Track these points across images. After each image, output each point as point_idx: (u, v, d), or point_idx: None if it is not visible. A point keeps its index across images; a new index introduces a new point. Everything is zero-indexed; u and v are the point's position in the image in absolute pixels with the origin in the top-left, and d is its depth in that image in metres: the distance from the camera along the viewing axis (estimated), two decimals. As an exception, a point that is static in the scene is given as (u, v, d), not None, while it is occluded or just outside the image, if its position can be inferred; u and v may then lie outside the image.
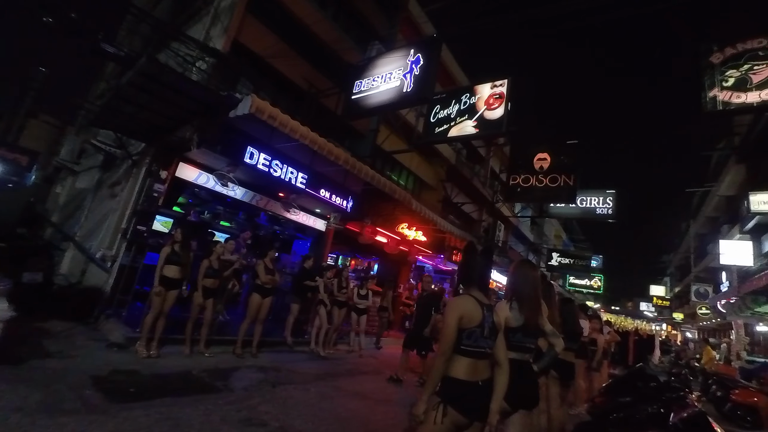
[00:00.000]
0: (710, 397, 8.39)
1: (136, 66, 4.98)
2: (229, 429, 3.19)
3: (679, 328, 30.36)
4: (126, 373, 4.06)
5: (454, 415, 1.91)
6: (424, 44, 7.42)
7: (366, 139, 10.94)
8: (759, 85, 6.06)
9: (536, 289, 2.57)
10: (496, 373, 2.07)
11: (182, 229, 5.23)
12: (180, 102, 5.63)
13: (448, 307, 2.07)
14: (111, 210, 7.43)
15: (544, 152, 11.62)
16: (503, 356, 2.11)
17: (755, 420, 6.96)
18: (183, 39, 6.89)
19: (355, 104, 8.08)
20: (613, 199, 16.01)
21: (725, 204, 18.18)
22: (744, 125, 14.82)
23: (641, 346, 12.79)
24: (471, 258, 2.25)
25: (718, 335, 22.12)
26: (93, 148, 9.11)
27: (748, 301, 11.81)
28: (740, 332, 17.19)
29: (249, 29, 7.92)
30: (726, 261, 14.00)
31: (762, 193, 10.23)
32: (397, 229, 11.30)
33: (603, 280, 28.03)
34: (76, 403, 3.19)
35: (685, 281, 27.20)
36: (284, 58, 8.55)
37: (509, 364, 2.34)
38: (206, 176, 6.98)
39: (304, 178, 7.46)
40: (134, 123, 6.48)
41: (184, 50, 6.79)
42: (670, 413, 2.88)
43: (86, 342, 4.94)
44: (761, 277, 9.99)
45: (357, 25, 11.01)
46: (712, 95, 6.40)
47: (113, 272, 6.23)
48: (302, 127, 6.03)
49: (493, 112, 8.13)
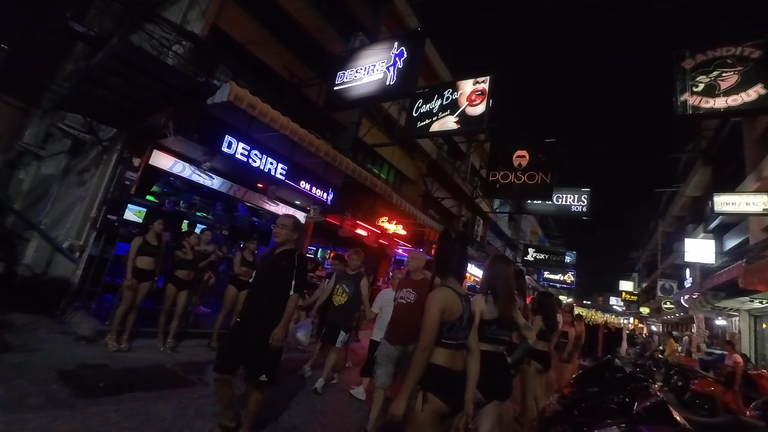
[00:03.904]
0: (672, 387, 8.86)
1: (107, 47, 4.74)
2: (204, 423, 3.14)
3: (645, 322, 31.76)
4: (95, 367, 3.93)
5: (436, 402, 1.90)
6: (409, 37, 7.38)
7: (348, 132, 10.85)
8: (726, 91, 6.32)
9: (510, 283, 2.64)
10: (468, 361, 2.10)
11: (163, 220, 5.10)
12: (154, 87, 5.41)
13: (430, 301, 2.03)
14: (79, 198, 7.11)
15: (523, 150, 11.83)
16: (475, 345, 2.15)
17: (711, 408, 7.40)
18: (158, 21, 6.61)
19: (338, 96, 7.98)
20: (588, 197, 16.49)
21: (691, 204, 19.06)
22: (711, 129, 15.52)
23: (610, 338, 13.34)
24: (447, 246, 2.21)
25: (681, 329, 23.29)
26: (60, 133, 8.66)
27: (709, 296, 12.45)
28: (701, 326, 18.16)
29: (229, 14, 7.68)
30: (690, 258, 14.68)
31: (725, 195, 10.73)
32: (377, 223, 11.32)
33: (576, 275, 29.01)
34: (41, 398, 3.07)
35: (652, 277, 28.44)
36: (265, 46, 8.34)
37: (484, 355, 2.40)
38: (182, 165, 6.77)
39: (283, 169, 7.34)
40: (105, 107, 6.19)
41: (159, 33, 6.52)
42: (634, 402, 3.01)
43: (52, 335, 4.75)
44: (721, 274, 10.54)
45: (341, 15, 10.84)
46: (683, 99, 6.64)
47: (81, 263, 5.98)
48: (282, 117, 5.92)
49: (475, 108, 8.19)
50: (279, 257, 2.99)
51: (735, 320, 14.12)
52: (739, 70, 6.29)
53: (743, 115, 9.66)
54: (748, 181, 10.78)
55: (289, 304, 2.89)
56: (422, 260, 3.80)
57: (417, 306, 3.31)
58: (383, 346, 3.56)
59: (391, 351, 3.48)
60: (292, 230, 3.07)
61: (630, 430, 2.68)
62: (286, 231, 3.03)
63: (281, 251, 3.02)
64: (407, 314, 3.42)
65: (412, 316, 3.17)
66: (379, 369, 3.52)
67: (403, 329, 3.41)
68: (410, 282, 3.69)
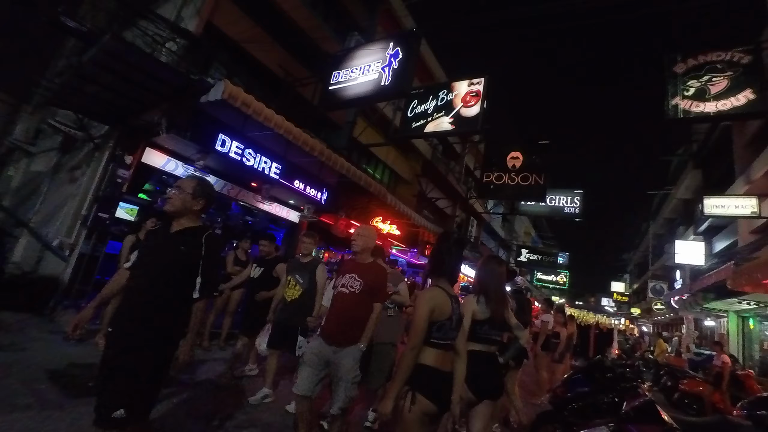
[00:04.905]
0: (661, 387, 8.96)
1: (99, 43, 4.70)
2: (195, 423, 3.13)
3: (636, 323, 32.10)
4: (85, 366, 3.89)
5: (424, 402, 1.90)
6: (404, 38, 7.39)
7: (342, 131, 10.85)
8: (716, 96, 6.43)
9: (502, 283, 2.66)
10: (455, 362, 2.10)
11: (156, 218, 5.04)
12: (147, 84, 5.36)
13: (419, 300, 2.03)
14: (70, 195, 7.03)
15: (517, 151, 11.93)
16: (462, 346, 2.16)
17: (700, 407, 7.50)
18: (152, 17, 6.55)
19: (332, 95, 7.97)
20: (580, 199, 16.64)
21: (682, 206, 19.30)
22: (702, 133, 15.73)
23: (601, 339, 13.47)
24: (444, 248, 2.22)
25: (670, 329, 23.59)
26: (51, 129, 8.55)
27: (698, 297, 12.63)
28: (690, 326, 18.41)
29: (223, 11, 7.63)
30: (680, 260, 14.88)
31: (715, 198, 10.89)
32: (371, 223, 11.31)
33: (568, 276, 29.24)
34: (29, 398, 3.03)
35: (643, 278, 28.75)
36: (260, 44, 8.30)
37: (476, 355, 2.41)
38: (175, 163, 6.72)
39: (278, 168, 7.32)
40: (97, 104, 6.13)
41: (153, 29, 6.47)
42: (623, 402, 3.05)
43: (41, 334, 4.69)
44: (710, 276, 10.69)
45: (336, 14, 10.83)
46: (674, 103, 6.74)
47: (72, 261, 5.91)
48: (277, 116, 5.90)
49: (470, 109, 8.23)
50: (176, 238, 2.00)
51: (723, 321, 14.33)
52: (729, 75, 6.40)
53: (733, 120, 9.80)
54: (737, 185, 10.94)
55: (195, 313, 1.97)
56: (372, 237, 2.97)
57: (363, 297, 2.73)
58: (315, 342, 2.80)
59: (324, 351, 2.67)
60: (193, 197, 2.06)
61: (619, 430, 2.72)
62: (182, 197, 2.03)
63: (181, 229, 2.03)
64: (350, 307, 2.71)
65: (357, 311, 2.72)
66: (303, 370, 2.68)
67: (343, 326, 2.70)
68: (356, 266, 2.87)
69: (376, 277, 2.83)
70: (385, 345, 3.59)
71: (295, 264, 3.96)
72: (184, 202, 2.03)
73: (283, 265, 4.30)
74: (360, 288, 2.72)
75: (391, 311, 3.74)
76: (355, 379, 2.66)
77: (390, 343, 3.67)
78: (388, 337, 3.64)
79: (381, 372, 3.56)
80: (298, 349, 3.63)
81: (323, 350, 2.68)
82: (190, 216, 2.08)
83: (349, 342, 2.67)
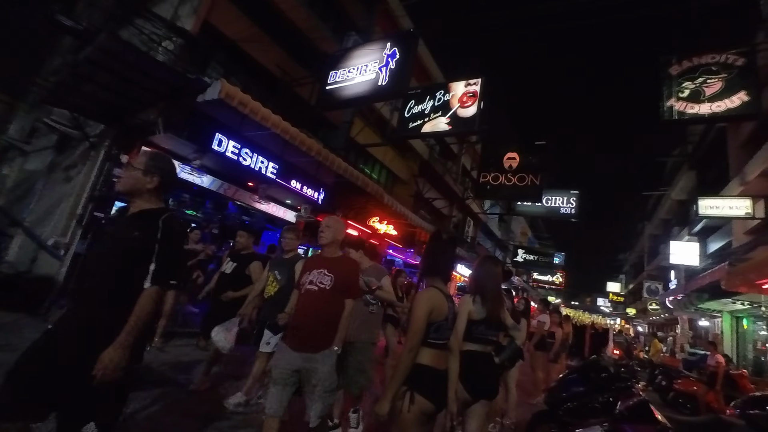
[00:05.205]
0: (656, 386, 9.03)
1: (96, 41, 4.68)
2: (192, 423, 3.12)
3: (631, 323, 32.29)
4: (79, 366, 3.87)
5: (422, 402, 1.91)
6: (401, 38, 7.40)
7: (340, 131, 10.85)
8: (711, 97, 6.48)
9: (498, 283, 2.67)
10: (449, 361, 2.12)
11: None
12: (144, 83, 5.35)
13: (417, 302, 2.03)
14: (65, 195, 6.99)
15: (514, 152, 11.95)
16: (456, 345, 2.18)
17: (694, 407, 7.57)
18: (149, 16, 6.53)
19: (330, 95, 7.96)
20: (577, 199, 16.71)
21: (677, 207, 19.43)
22: (696, 134, 15.85)
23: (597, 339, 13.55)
24: (437, 248, 2.23)
25: (665, 329, 23.73)
26: (46, 128, 8.49)
27: (693, 298, 12.72)
28: (685, 326, 18.53)
29: (221, 11, 7.62)
30: (675, 260, 14.99)
31: (710, 199, 10.98)
32: (368, 223, 11.32)
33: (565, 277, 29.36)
34: (23, 397, 3.01)
35: (638, 278, 28.92)
36: (257, 44, 8.29)
37: (472, 355, 2.42)
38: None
39: (275, 168, 7.31)
40: (93, 103, 6.10)
41: (149, 28, 6.45)
42: (617, 402, 3.07)
43: (36, 334, 4.60)
44: (705, 276, 10.78)
45: (334, 14, 10.83)
46: (669, 105, 6.78)
47: (67, 261, 5.88)
48: (274, 116, 5.89)
49: (467, 110, 8.25)
50: (131, 222, 1.79)
51: (717, 321, 14.43)
52: (723, 77, 6.44)
53: (727, 121, 9.88)
54: (732, 186, 11.03)
55: (140, 303, 1.64)
56: (340, 229, 2.71)
57: (335, 294, 2.47)
58: (281, 354, 2.48)
59: (293, 362, 2.37)
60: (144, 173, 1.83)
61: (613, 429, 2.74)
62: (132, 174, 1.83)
63: (137, 212, 1.83)
64: (321, 306, 2.44)
65: (329, 310, 2.46)
66: (273, 389, 2.38)
67: (315, 329, 2.42)
68: (324, 260, 2.62)
69: (347, 271, 2.58)
70: (364, 344, 3.30)
71: (277, 260, 3.83)
72: (134, 181, 1.82)
73: (258, 263, 4.07)
74: (331, 284, 2.46)
75: (373, 308, 3.46)
76: (332, 385, 2.40)
77: (369, 342, 3.39)
78: (368, 335, 3.37)
79: (361, 373, 3.23)
80: (265, 345, 3.51)
81: (292, 361, 2.37)
82: (147, 197, 1.85)
83: (323, 346, 2.40)
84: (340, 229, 2.71)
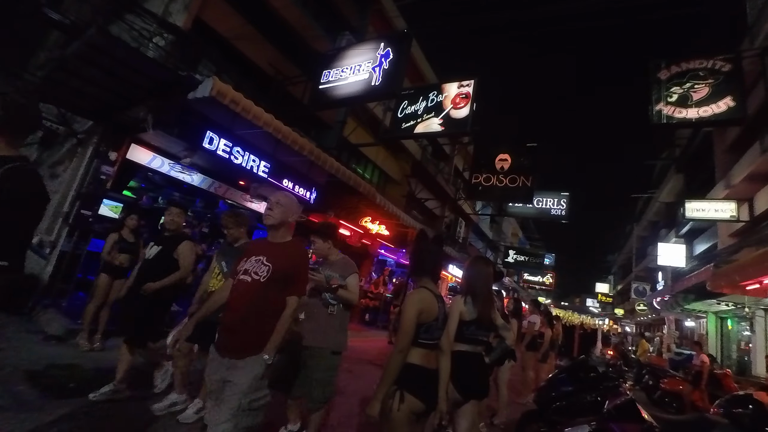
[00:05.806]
0: (643, 386, 9.17)
1: (84, 36, 4.59)
2: (178, 425, 3.07)
3: (619, 323, 32.76)
4: (65, 367, 3.80)
5: (412, 401, 1.91)
6: (395, 38, 7.41)
7: (332, 131, 10.81)
8: (698, 102, 6.61)
9: (489, 284, 2.68)
10: (440, 360, 2.12)
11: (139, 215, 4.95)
12: (133, 79, 5.26)
13: (407, 303, 2.03)
14: (51, 192, 6.80)
15: (506, 153, 12.05)
16: (447, 345, 2.18)
17: (680, 405, 7.70)
18: (139, 11, 6.44)
19: (322, 94, 7.94)
20: (567, 201, 16.90)
21: (665, 210, 19.76)
22: (684, 138, 16.13)
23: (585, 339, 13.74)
24: (423, 247, 2.23)
25: (653, 329, 24.14)
26: (32, 123, 8.33)
27: (679, 298, 12.96)
28: (671, 327, 18.87)
29: (213, 7, 7.54)
30: (662, 262, 15.25)
31: (696, 201, 11.18)
32: (360, 223, 11.31)
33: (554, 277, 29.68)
34: (6, 399, 2.95)
35: (626, 280, 29.35)
36: (250, 42, 8.23)
37: (462, 356, 2.44)
38: (161, 160, 6.60)
39: (266, 167, 7.26)
40: (80, 99, 5.98)
41: (139, 24, 6.35)
42: (605, 401, 3.11)
43: (19, 334, 4.56)
44: (691, 277, 10.99)
45: (327, 13, 10.80)
46: (658, 109, 6.90)
47: (52, 259, 5.77)
48: (266, 114, 5.85)
49: (459, 111, 8.29)
50: None
51: (703, 322, 14.72)
52: (710, 83, 6.57)
53: (713, 126, 10.07)
54: (718, 189, 11.25)
55: None
56: (293, 209, 2.23)
57: (272, 288, 1.98)
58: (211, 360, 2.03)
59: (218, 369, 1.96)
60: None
61: (600, 428, 2.77)
62: None
63: None
64: (252, 301, 1.97)
65: (261, 307, 1.97)
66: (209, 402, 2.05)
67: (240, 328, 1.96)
68: (266, 246, 2.15)
69: (291, 260, 2.06)
70: (321, 350, 2.82)
71: (224, 249, 3.35)
72: None
73: (189, 243, 3.45)
74: (267, 275, 1.98)
75: (333, 309, 2.90)
76: (254, 404, 1.87)
77: (328, 350, 2.85)
78: (327, 342, 2.85)
79: (319, 385, 2.78)
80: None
81: (216, 368, 1.97)
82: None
83: (248, 351, 1.91)
84: (293, 208, 2.22)
